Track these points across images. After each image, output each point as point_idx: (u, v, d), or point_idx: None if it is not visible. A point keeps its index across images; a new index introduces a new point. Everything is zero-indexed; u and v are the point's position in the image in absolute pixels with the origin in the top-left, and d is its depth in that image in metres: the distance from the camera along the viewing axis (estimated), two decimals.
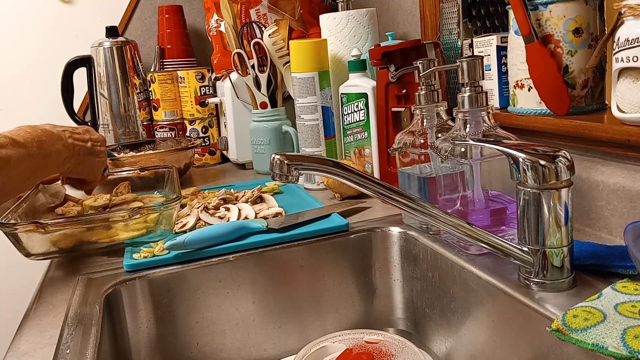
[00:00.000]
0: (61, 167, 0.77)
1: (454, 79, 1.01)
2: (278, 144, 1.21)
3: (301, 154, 0.84)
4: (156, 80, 1.42)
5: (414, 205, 0.57)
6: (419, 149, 0.76)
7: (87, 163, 0.82)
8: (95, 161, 0.83)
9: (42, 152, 0.70)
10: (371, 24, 1.12)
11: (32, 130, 0.71)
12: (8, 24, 1.50)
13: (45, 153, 0.71)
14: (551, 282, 0.56)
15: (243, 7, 1.31)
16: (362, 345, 0.67)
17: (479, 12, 1.00)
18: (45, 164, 0.72)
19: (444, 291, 0.72)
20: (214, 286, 0.76)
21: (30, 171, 0.69)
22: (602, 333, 0.45)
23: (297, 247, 0.79)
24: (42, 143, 0.71)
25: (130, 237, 0.78)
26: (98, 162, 0.84)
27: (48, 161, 0.72)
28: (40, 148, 0.70)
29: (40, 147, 0.70)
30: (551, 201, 0.54)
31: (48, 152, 0.72)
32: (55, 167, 0.76)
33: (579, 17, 0.75)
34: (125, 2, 1.58)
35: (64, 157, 0.76)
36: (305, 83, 1.04)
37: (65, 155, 0.76)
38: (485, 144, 0.62)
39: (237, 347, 0.78)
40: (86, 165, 0.82)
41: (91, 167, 0.83)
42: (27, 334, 0.60)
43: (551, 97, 0.77)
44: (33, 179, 0.72)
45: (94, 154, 0.82)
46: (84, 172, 0.83)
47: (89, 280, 0.72)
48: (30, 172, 0.70)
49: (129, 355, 0.73)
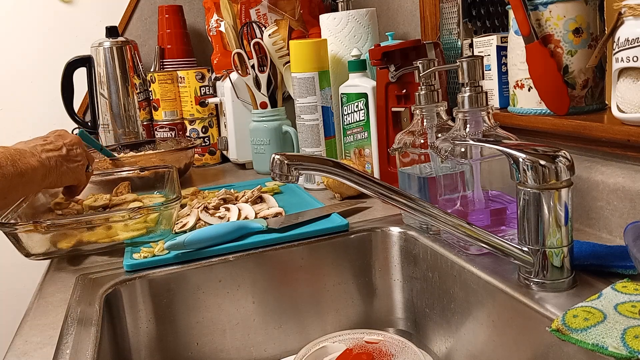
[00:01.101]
0: (41, 183, 0.77)
1: (454, 79, 1.01)
2: (278, 144, 1.21)
3: (301, 154, 0.84)
4: (156, 80, 1.42)
5: (414, 205, 0.57)
6: (419, 149, 0.76)
7: (67, 170, 0.81)
8: (75, 166, 0.83)
9: (17, 171, 0.70)
10: (371, 24, 1.12)
11: (4, 150, 0.72)
12: (8, 24, 1.50)
13: (19, 172, 0.71)
14: (551, 282, 0.56)
15: (243, 7, 1.31)
16: (362, 345, 0.67)
17: (479, 12, 1.00)
18: (20, 182, 0.72)
19: (444, 291, 0.72)
20: (214, 286, 0.76)
21: (5, 190, 0.70)
22: (602, 333, 0.45)
23: (297, 247, 0.79)
24: (16, 162, 0.71)
25: (130, 237, 0.78)
26: (77, 166, 0.83)
27: (24, 179, 0.72)
28: (14, 166, 0.70)
29: (14, 166, 0.70)
30: (551, 201, 0.54)
31: (23, 171, 0.72)
32: (33, 184, 0.76)
33: (579, 17, 0.75)
34: (125, 2, 1.58)
35: (41, 173, 0.76)
36: (305, 83, 1.04)
37: (42, 172, 0.76)
38: (485, 144, 0.62)
39: (237, 347, 0.78)
40: (67, 174, 0.81)
41: (72, 173, 0.82)
42: (27, 334, 0.60)
43: (551, 97, 0.77)
44: (10, 197, 0.73)
45: (71, 159, 0.82)
46: (67, 180, 0.83)
47: (89, 280, 0.72)
48: (6, 191, 0.70)
49: (129, 355, 0.73)
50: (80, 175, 0.85)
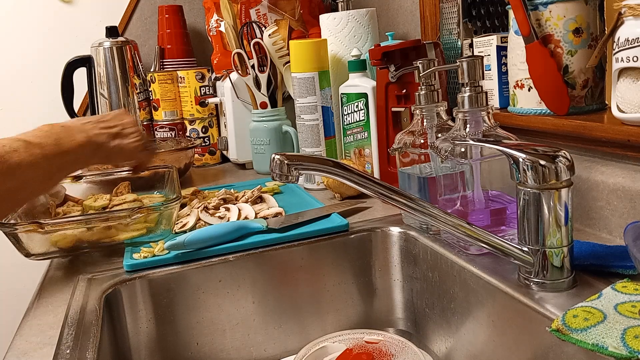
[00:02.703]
0: (89, 160, 0.76)
1: (454, 79, 1.01)
2: (278, 144, 1.21)
3: (301, 154, 0.83)
4: (156, 80, 1.42)
5: (414, 205, 0.57)
6: (419, 149, 0.76)
7: (119, 147, 0.79)
8: (127, 143, 0.80)
9: (60, 150, 0.69)
10: (371, 24, 1.12)
11: (50, 128, 0.70)
12: (8, 24, 1.50)
13: (63, 151, 0.69)
14: (551, 282, 0.56)
15: (243, 7, 1.31)
16: (362, 345, 0.67)
17: (479, 12, 1.00)
18: (65, 162, 0.70)
19: (444, 291, 0.72)
20: (214, 286, 0.76)
21: (48, 171, 0.68)
22: (602, 333, 0.45)
23: (297, 247, 0.79)
24: (60, 140, 0.69)
25: (130, 237, 0.78)
26: (130, 143, 0.80)
27: (68, 158, 0.70)
28: (58, 145, 0.68)
29: (57, 145, 0.68)
30: (551, 201, 0.54)
31: (68, 149, 0.70)
32: (79, 162, 0.74)
33: (579, 17, 0.75)
34: (125, 2, 1.58)
35: (89, 149, 0.74)
36: (305, 83, 1.04)
37: (90, 148, 0.74)
38: (485, 144, 0.62)
39: (237, 347, 0.78)
40: (119, 151, 0.79)
41: (125, 150, 0.80)
42: (27, 334, 0.60)
43: (551, 97, 0.77)
44: (56, 178, 0.71)
45: (123, 136, 0.79)
46: (119, 157, 0.81)
47: (89, 280, 0.72)
48: (50, 173, 0.68)
49: (129, 355, 0.73)
50: (134, 154, 0.82)
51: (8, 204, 0.66)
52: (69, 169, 0.73)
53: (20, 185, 0.64)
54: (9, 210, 0.74)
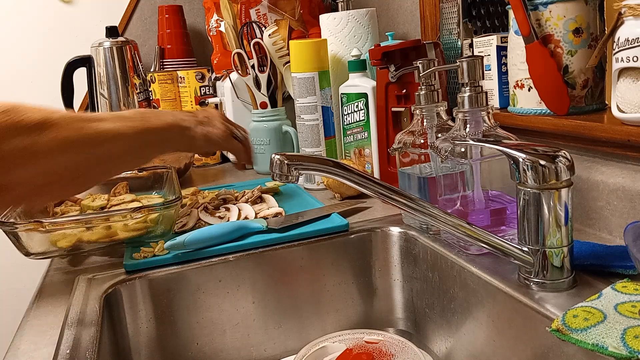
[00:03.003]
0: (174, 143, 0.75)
1: (454, 79, 1.01)
2: (278, 144, 1.21)
3: (301, 154, 0.83)
4: (156, 80, 1.42)
5: (414, 205, 0.57)
6: (419, 149, 0.76)
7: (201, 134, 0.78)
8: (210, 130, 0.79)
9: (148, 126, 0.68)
10: (371, 24, 1.12)
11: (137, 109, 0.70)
12: (8, 24, 1.51)
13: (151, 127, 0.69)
14: (551, 282, 0.56)
15: (243, 7, 1.31)
16: (362, 345, 0.67)
17: (479, 12, 1.00)
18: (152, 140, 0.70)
19: (444, 291, 0.72)
20: (214, 286, 0.76)
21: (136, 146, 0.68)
22: (602, 333, 0.45)
23: (297, 247, 0.79)
24: (147, 117, 0.69)
25: (130, 237, 0.78)
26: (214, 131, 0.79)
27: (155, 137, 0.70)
28: (145, 121, 0.68)
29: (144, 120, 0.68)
30: (551, 201, 0.54)
31: (154, 127, 0.69)
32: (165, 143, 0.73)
33: (579, 17, 0.75)
34: (125, 2, 1.58)
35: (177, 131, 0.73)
36: (305, 83, 1.04)
37: (178, 130, 0.74)
38: (485, 144, 0.62)
39: (237, 347, 0.78)
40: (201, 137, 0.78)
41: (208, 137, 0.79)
42: (27, 334, 0.60)
43: (551, 97, 0.77)
44: (144, 155, 0.71)
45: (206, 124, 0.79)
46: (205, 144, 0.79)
47: (89, 280, 0.72)
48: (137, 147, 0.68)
49: (129, 355, 0.73)
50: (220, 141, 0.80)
51: (96, 171, 0.65)
52: (155, 147, 0.72)
53: (108, 154, 0.64)
54: (97, 181, 0.72)
